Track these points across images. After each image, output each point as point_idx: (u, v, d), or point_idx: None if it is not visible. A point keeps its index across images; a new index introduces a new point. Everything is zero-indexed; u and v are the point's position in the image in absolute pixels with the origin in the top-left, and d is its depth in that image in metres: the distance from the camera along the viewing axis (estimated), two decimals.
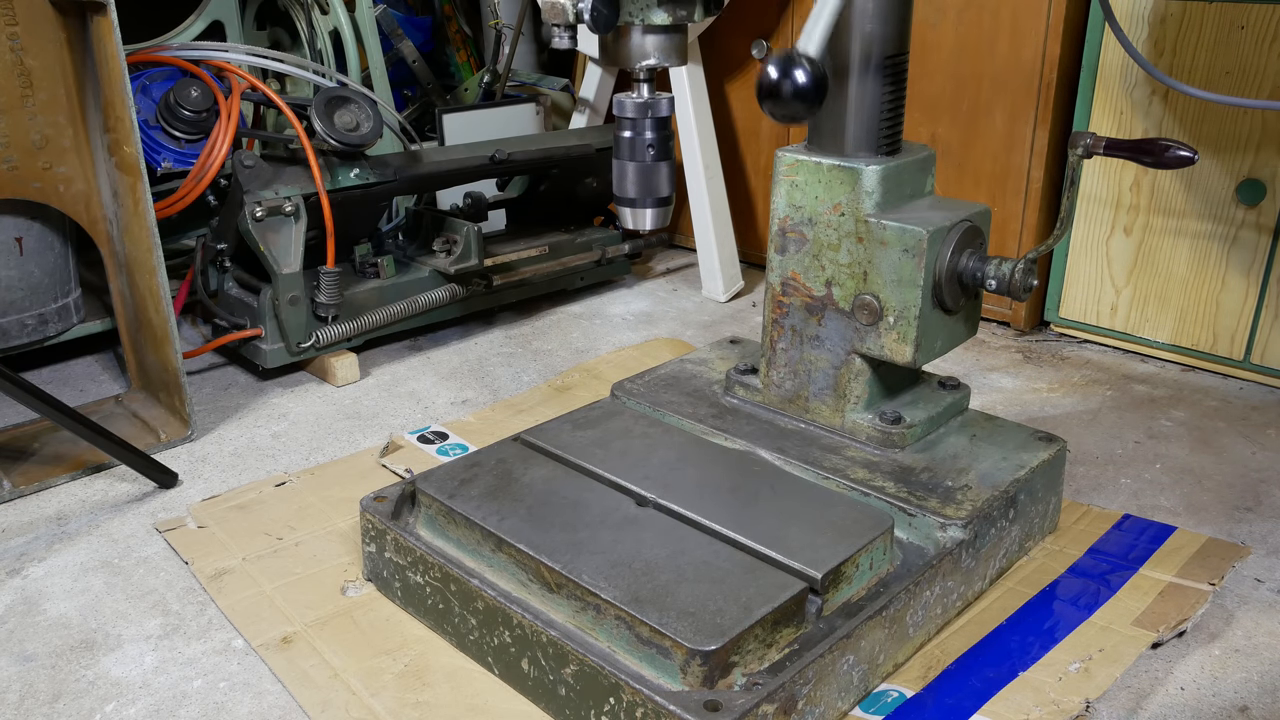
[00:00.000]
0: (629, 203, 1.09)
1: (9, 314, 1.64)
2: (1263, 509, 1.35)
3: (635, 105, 1.05)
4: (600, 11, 0.96)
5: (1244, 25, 1.60)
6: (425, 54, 2.65)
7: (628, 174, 1.07)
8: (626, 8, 0.99)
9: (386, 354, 1.90)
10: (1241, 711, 1.01)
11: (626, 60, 1.03)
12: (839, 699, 0.97)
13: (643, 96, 1.05)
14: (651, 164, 1.07)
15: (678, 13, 1.00)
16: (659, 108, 1.05)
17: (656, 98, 1.05)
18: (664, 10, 0.99)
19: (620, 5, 0.98)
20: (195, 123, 1.81)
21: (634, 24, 0.99)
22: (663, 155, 1.07)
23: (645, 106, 1.05)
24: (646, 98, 1.05)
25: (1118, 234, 1.81)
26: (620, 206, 1.10)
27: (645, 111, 1.05)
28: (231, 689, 1.05)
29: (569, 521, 1.07)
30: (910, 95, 1.22)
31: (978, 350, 1.89)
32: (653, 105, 1.05)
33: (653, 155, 1.06)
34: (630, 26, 1.00)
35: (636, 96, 1.05)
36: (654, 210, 1.10)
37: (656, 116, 1.05)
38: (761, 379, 1.30)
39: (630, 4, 0.99)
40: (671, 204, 1.12)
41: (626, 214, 1.11)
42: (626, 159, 1.06)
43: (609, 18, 0.97)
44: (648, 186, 1.07)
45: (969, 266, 1.14)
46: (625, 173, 1.07)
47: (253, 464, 1.50)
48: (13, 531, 1.34)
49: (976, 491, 1.13)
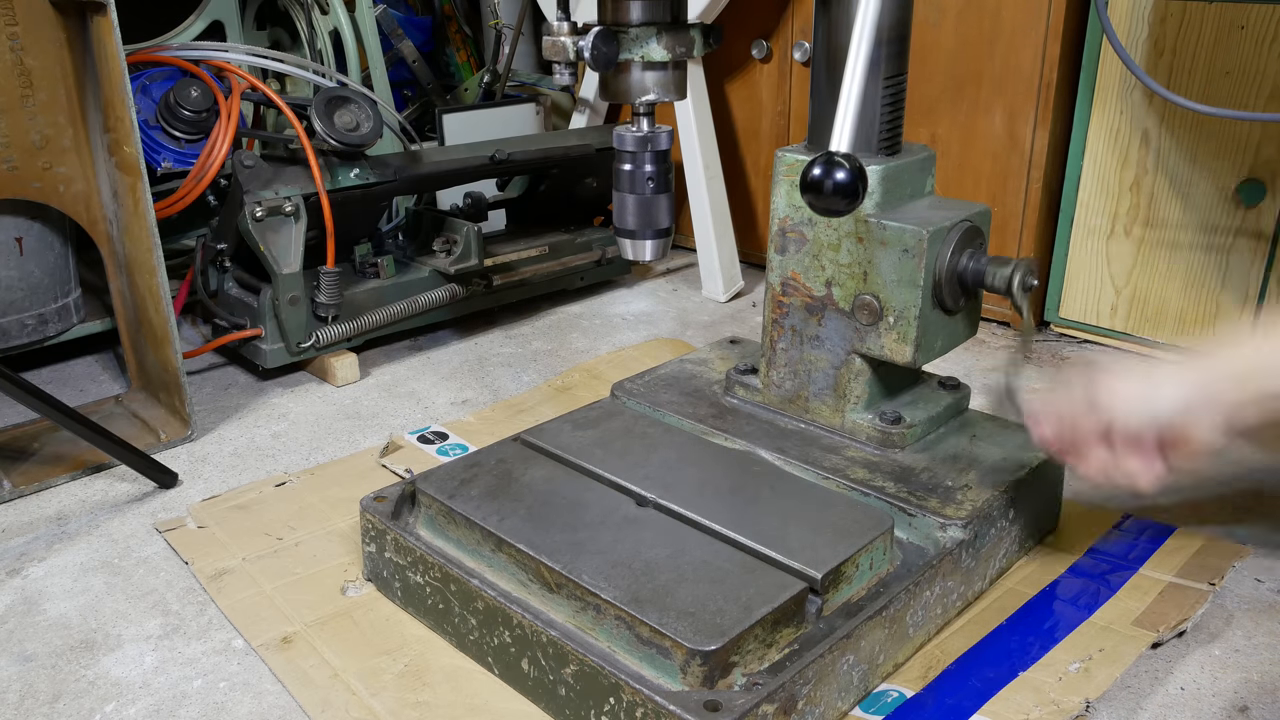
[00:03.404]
0: (629, 234, 1.10)
1: (9, 314, 1.64)
2: (1263, 509, 1.35)
3: (635, 139, 1.06)
4: (600, 50, 0.97)
5: (1244, 25, 1.60)
6: (425, 54, 2.65)
7: (628, 206, 1.08)
8: (626, 45, 1.00)
9: (386, 354, 1.90)
10: (1241, 711, 1.01)
11: (626, 96, 1.04)
12: (839, 699, 0.97)
13: (642, 130, 1.06)
14: (651, 196, 1.08)
15: (677, 49, 1.02)
16: (658, 141, 1.07)
17: (656, 131, 1.06)
18: (663, 47, 1.00)
19: (620, 43, 0.99)
20: (195, 123, 1.81)
21: (634, 61, 1.00)
22: (662, 188, 1.08)
23: (645, 140, 1.06)
24: (646, 131, 1.06)
25: (1118, 234, 1.81)
26: (620, 238, 1.11)
27: (645, 145, 1.06)
28: (231, 689, 1.05)
29: (569, 521, 1.07)
30: (910, 95, 1.22)
31: (978, 350, 1.89)
32: (652, 139, 1.06)
33: (652, 188, 1.07)
34: (630, 63, 1.01)
35: (636, 130, 1.06)
36: (654, 242, 1.12)
37: (656, 150, 1.06)
38: (761, 379, 1.30)
39: (630, 42, 1.00)
40: (671, 235, 1.13)
41: (626, 245, 1.12)
42: (626, 191, 1.08)
43: (609, 56, 0.98)
44: (647, 218, 1.09)
45: (969, 267, 1.14)
46: (625, 205, 1.08)
47: (253, 464, 1.50)
48: (13, 531, 1.34)
49: (976, 491, 1.13)
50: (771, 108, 2.24)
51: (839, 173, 0.82)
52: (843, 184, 0.82)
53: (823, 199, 0.83)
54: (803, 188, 0.84)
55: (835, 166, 0.83)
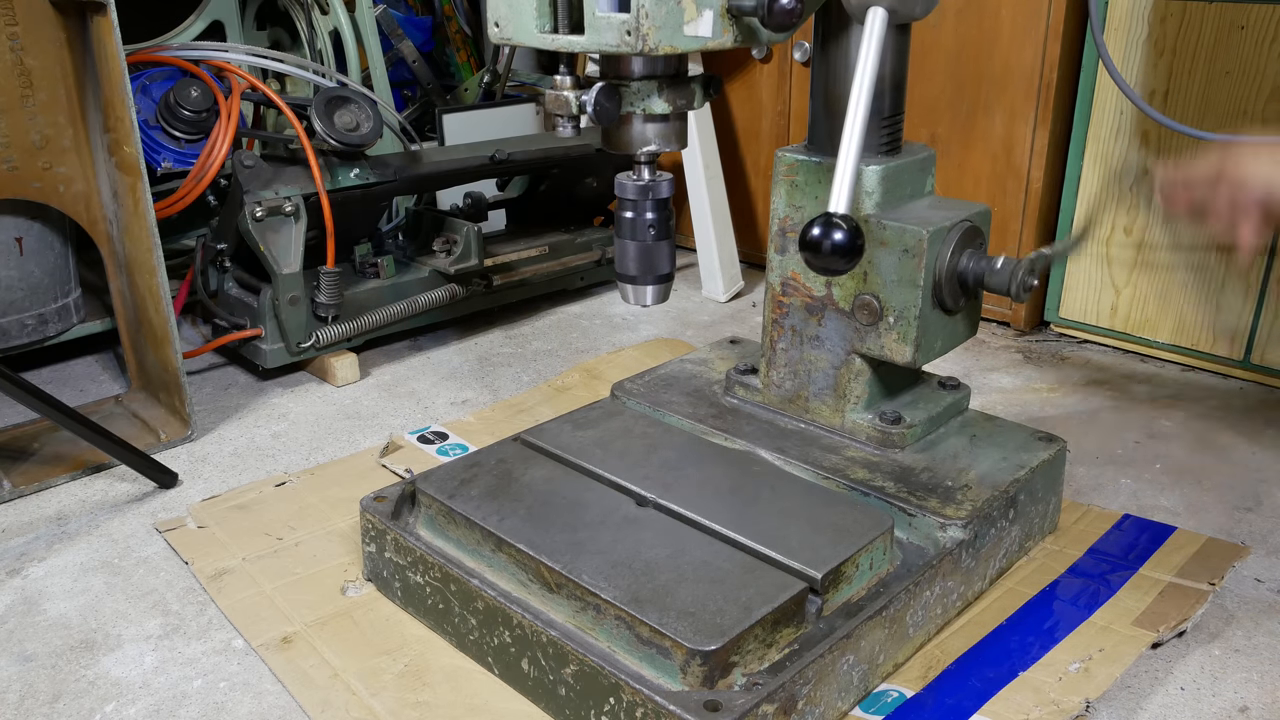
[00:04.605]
0: (630, 279, 1.11)
1: (9, 314, 1.65)
2: (1263, 509, 1.35)
3: (637, 188, 1.07)
4: (603, 105, 0.99)
5: (1244, 25, 1.60)
6: (425, 54, 2.65)
7: (629, 252, 1.10)
8: (628, 99, 1.02)
9: (386, 354, 1.90)
10: (1241, 711, 1.01)
11: (628, 147, 1.06)
12: (839, 699, 0.97)
13: (643, 179, 1.07)
14: (653, 243, 1.09)
15: (678, 102, 1.04)
16: (659, 190, 1.09)
17: (657, 179, 1.08)
18: (665, 100, 1.02)
19: (622, 98, 1.01)
20: (195, 123, 1.81)
21: (635, 113, 1.02)
22: (663, 235, 1.10)
23: (646, 189, 1.08)
24: (647, 180, 1.07)
25: (1118, 234, 1.81)
26: (621, 283, 1.12)
27: (646, 194, 1.08)
28: (231, 689, 1.05)
29: (569, 521, 1.07)
30: (910, 95, 1.22)
31: (978, 350, 1.89)
32: (653, 187, 1.08)
33: (653, 235, 1.09)
34: (631, 116, 1.02)
35: (637, 179, 1.07)
36: (654, 287, 1.13)
37: (657, 198, 1.08)
38: (761, 379, 1.30)
39: (632, 95, 1.02)
40: (672, 280, 1.14)
41: (628, 290, 1.13)
42: (628, 238, 1.09)
43: (611, 111, 1.00)
44: (648, 264, 1.11)
45: (969, 266, 1.14)
46: (626, 251, 1.10)
47: (253, 464, 1.50)
48: (13, 531, 1.34)
49: (976, 491, 1.13)
50: (771, 108, 2.24)
51: (837, 233, 0.85)
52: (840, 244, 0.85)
53: (820, 258, 0.86)
54: (801, 245, 0.87)
55: (833, 228, 0.86)
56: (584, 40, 0.95)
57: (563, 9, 0.97)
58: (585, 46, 0.95)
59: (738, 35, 0.97)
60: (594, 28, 0.94)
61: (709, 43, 0.95)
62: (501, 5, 1.00)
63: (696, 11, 0.93)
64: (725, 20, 0.95)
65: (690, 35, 0.93)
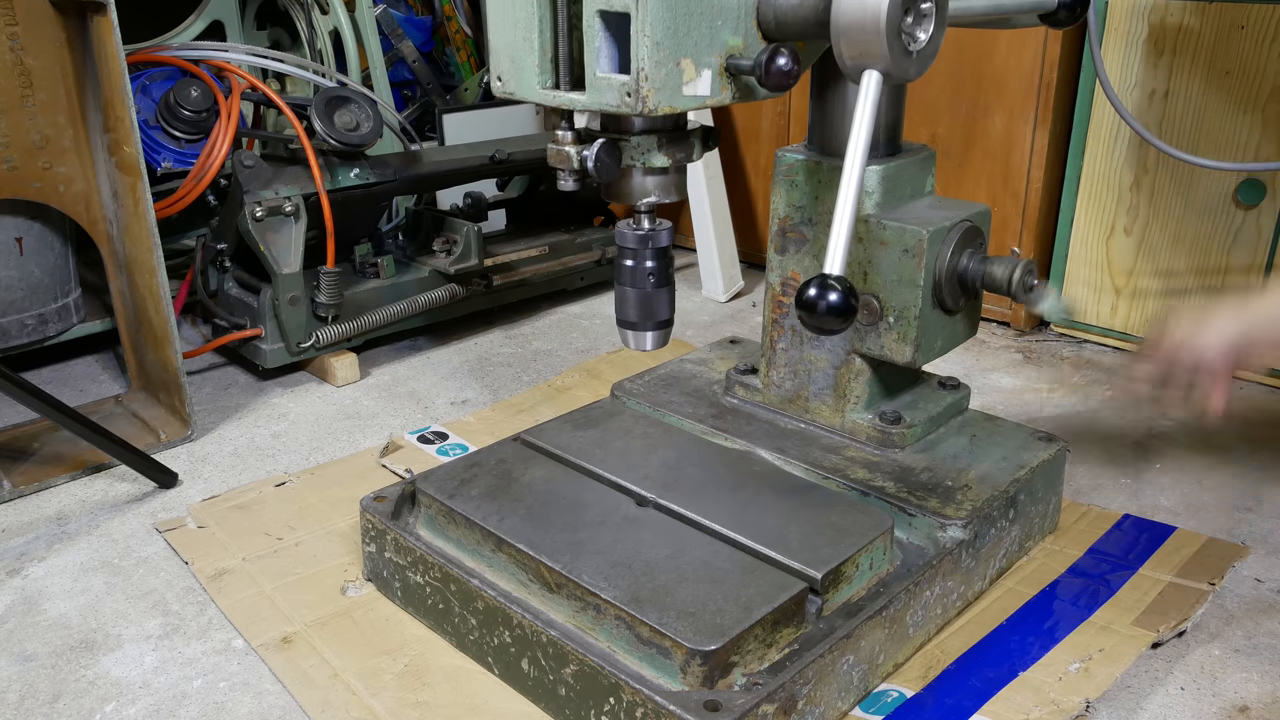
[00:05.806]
0: (630, 325, 1.12)
1: (9, 314, 1.64)
2: (1263, 509, 1.35)
3: (637, 237, 1.09)
4: (603, 161, 1.01)
5: (1244, 25, 1.60)
6: (425, 54, 2.64)
7: (629, 299, 1.12)
8: (629, 153, 1.03)
9: (386, 354, 1.90)
10: (1241, 711, 1.01)
11: (628, 198, 1.08)
12: (839, 699, 0.97)
13: (643, 228, 1.09)
14: (653, 291, 1.11)
15: (677, 155, 1.05)
16: (659, 239, 1.10)
17: (657, 229, 1.10)
18: (664, 154, 1.04)
19: (622, 152, 1.02)
20: (195, 123, 1.81)
21: (635, 166, 1.03)
22: (663, 282, 1.11)
23: (646, 238, 1.09)
24: (647, 229, 1.09)
25: (1118, 234, 1.81)
26: (622, 328, 1.13)
27: (646, 243, 1.09)
28: (231, 689, 1.05)
29: (569, 521, 1.07)
30: (910, 95, 1.23)
31: (978, 350, 1.89)
32: (653, 237, 1.09)
33: (653, 283, 1.10)
34: (631, 169, 1.03)
35: (637, 228, 1.08)
36: (654, 333, 1.14)
37: (657, 247, 1.10)
38: (761, 379, 1.30)
39: (632, 150, 1.03)
40: (671, 325, 1.16)
41: (628, 336, 1.14)
42: (627, 285, 1.11)
43: (612, 167, 1.02)
44: (648, 311, 1.12)
45: (969, 267, 1.14)
46: (626, 298, 1.12)
47: (253, 464, 1.50)
48: (13, 531, 1.34)
49: (976, 491, 1.13)
50: (771, 108, 2.24)
51: (832, 294, 0.87)
52: (835, 305, 0.87)
53: (815, 318, 0.88)
54: (797, 304, 0.89)
55: (828, 289, 0.87)
56: (584, 99, 0.96)
57: (564, 66, 0.98)
58: (586, 105, 0.96)
59: (735, 93, 0.98)
60: (594, 88, 0.95)
61: (707, 100, 0.96)
62: (504, 60, 1.01)
63: (695, 72, 0.94)
64: (723, 79, 0.97)
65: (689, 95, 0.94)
